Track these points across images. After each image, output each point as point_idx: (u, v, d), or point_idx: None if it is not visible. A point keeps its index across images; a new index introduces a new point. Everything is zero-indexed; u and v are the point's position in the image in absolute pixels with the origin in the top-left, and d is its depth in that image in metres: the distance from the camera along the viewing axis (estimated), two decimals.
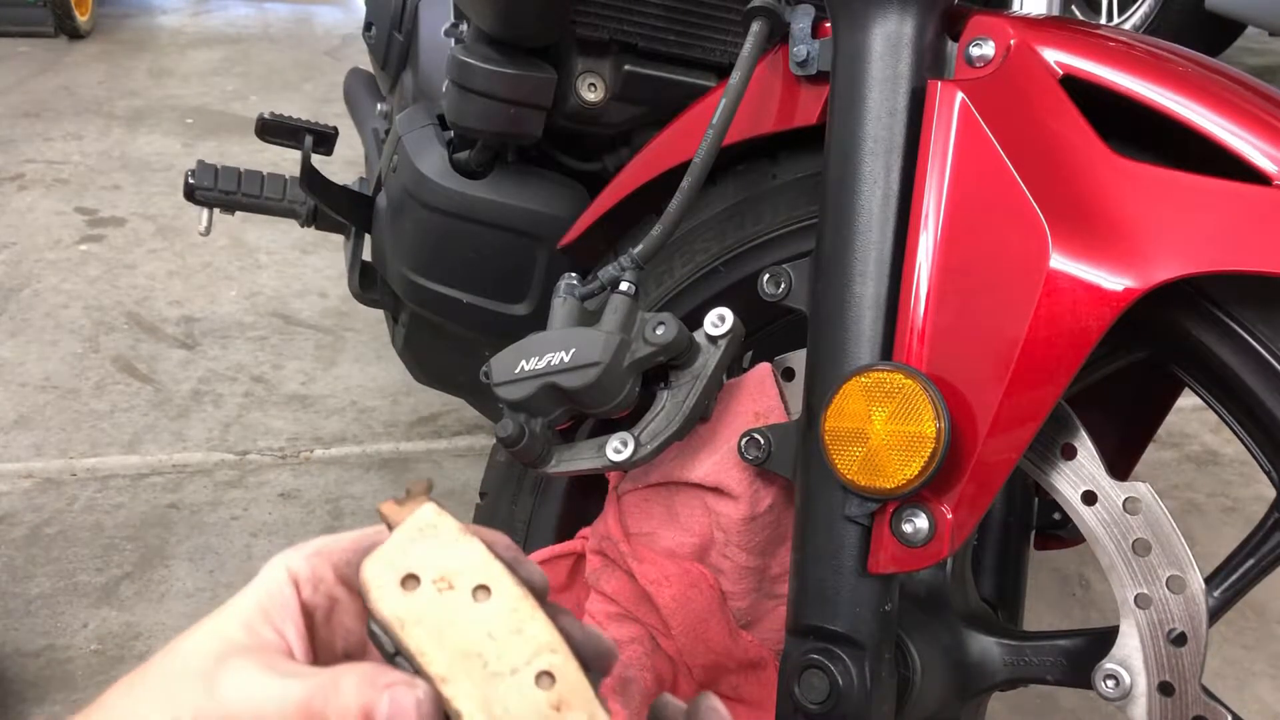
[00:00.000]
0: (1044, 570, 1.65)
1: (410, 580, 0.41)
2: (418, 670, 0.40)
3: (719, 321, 0.75)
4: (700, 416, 0.76)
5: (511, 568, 0.41)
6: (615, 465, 0.75)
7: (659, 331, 0.73)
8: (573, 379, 0.73)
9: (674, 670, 0.81)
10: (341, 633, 0.47)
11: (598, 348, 0.72)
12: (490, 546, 0.42)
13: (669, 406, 0.75)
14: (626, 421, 0.76)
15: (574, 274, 0.81)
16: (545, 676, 0.39)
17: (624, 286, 0.76)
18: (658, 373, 0.76)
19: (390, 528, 0.42)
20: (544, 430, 0.77)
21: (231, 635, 0.44)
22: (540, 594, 0.42)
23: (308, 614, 0.46)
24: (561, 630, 0.40)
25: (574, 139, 1.12)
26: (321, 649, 0.46)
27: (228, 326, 2.31)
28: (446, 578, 0.41)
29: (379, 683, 0.40)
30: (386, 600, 0.40)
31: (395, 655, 0.40)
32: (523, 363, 0.75)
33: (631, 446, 0.75)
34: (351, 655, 0.47)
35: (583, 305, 0.79)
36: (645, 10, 1.01)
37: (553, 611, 0.41)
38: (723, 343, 0.75)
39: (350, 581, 0.47)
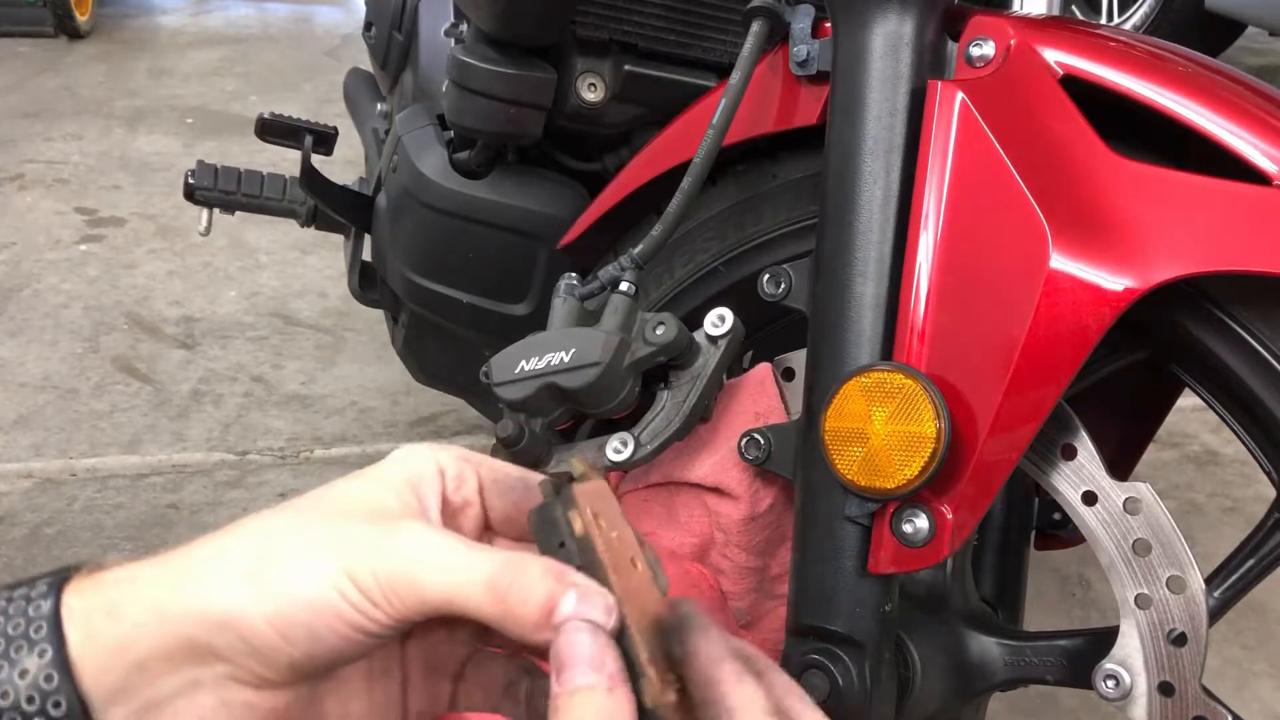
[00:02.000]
0: (1044, 570, 1.65)
1: (599, 519, 0.43)
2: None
3: (719, 321, 0.75)
4: (700, 416, 0.76)
5: (651, 563, 0.45)
6: (615, 465, 0.75)
7: (659, 331, 0.73)
8: (573, 379, 0.73)
9: None
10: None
11: (598, 348, 0.72)
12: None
13: (669, 406, 0.75)
14: (626, 421, 0.76)
15: (574, 274, 0.81)
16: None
17: (624, 286, 0.76)
18: (658, 373, 0.76)
19: (575, 478, 0.44)
20: (544, 430, 0.77)
21: (385, 499, 0.43)
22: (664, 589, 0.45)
23: (444, 503, 0.46)
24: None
25: (574, 139, 1.12)
26: None
27: (228, 326, 2.31)
28: (619, 537, 0.43)
29: (565, 579, 0.40)
30: (592, 525, 0.42)
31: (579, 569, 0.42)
32: (523, 363, 0.75)
33: (631, 446, 0.75)
34: None
35: (583, 305, 0.79)
36: (645, 10, 1.01)
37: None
38: (723, 343, 0.75)
39: (492, 496, 0.48)
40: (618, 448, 0.75)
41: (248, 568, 0.40)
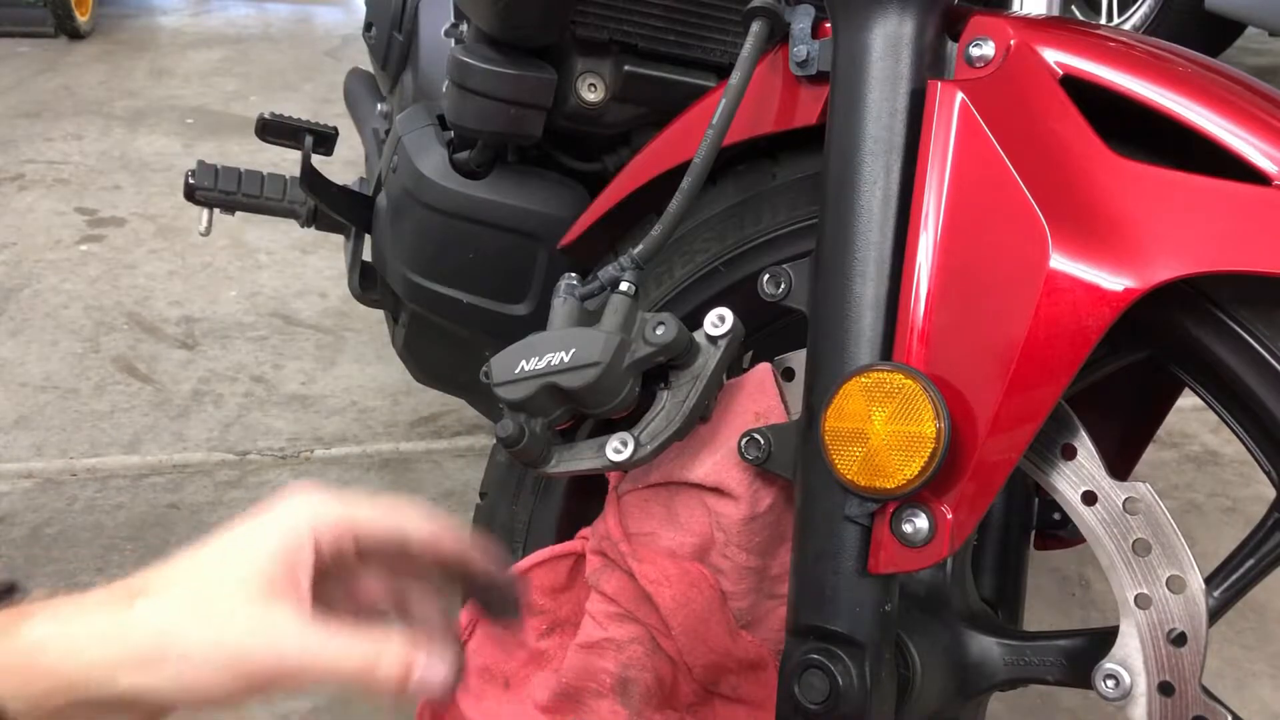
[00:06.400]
0: (1044, 570, 1.65)
1: None
2: None
3: (719, 321, 0.75)
4: (700, 416, 0.76)
5: None
6: (615, 465, 0.75)
7: (659, 331, 0.73)
8: (573, 379, 0.73)
9: (674, 670, 0.81)
10: (324, 592, 0.55)
11: (598, 348, 0.72)
12: None
13: (669, 406, 0.75)
14: (626, 421, 0.76)
15: (574, 274, 0.81)
16: None
17: (624, 287, 0.76)
18: (658, 373, 0.76)
19: None
20: (544, 430, 0.77)
21: (265, 569, 0.52)
22: None
23: (316, 572, 0.54)
24: None
25: (574, 139, 1.12)
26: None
27: (228, 326, 2.31)
28: None
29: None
30: None
31: None
32: (523, 363, 0.75)
33: (631, 446, 0.75)
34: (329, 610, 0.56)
35: (583, 305, 0.79)
36: (645, 10, 1.01)
37: None
38: (723, 343, 0.75)
39: (370, 556, 0.57)
40: (618, 448, 0.75)
41: (146, 654, 0.49)
